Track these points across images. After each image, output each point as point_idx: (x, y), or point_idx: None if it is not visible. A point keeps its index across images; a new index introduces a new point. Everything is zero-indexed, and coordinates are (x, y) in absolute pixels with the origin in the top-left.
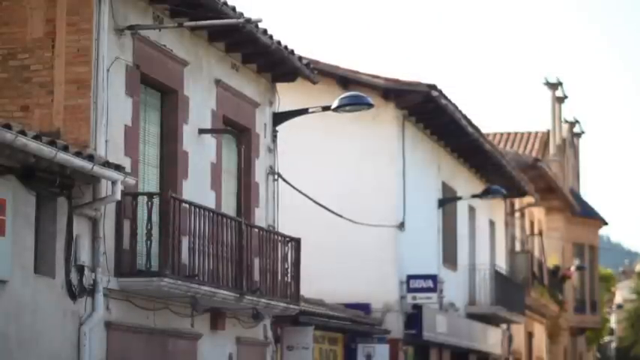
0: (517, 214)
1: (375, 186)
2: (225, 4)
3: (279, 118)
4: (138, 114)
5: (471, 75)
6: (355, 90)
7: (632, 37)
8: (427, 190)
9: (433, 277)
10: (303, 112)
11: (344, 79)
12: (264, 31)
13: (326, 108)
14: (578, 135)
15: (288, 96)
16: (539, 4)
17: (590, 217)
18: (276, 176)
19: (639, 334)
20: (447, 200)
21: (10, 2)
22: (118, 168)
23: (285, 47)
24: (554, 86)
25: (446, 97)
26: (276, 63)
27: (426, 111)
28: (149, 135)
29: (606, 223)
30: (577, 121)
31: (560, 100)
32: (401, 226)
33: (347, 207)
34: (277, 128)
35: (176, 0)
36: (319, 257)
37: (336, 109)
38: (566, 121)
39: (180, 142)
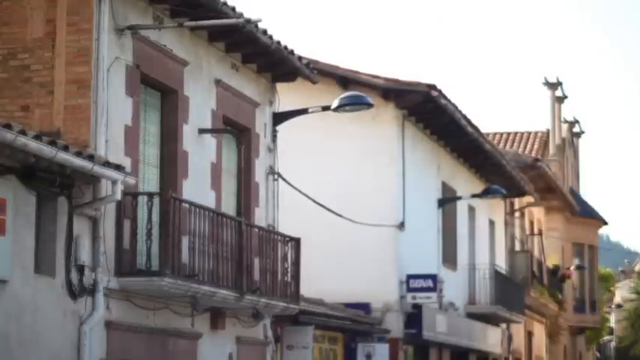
0: (517, 214)
1: (375, 186)
2: (225, 4)
3: (279, 118)
4: (138, 114)
5: (471, 75)
6: (355, 90)
7: (633, 37)
8: (427, 190)
9: (433, 277)
10: (303, 112)
11: (344, 79)
12: (264, 31)
13: (326, 108)
14: (578, 135)
15: (288, 96)
16: (539, 4)
17: (590, 216)
18: (276, 176)
19: (639, 334)
20: (447, 200)
21: (10, 2)
22: (118, 168)
23: (285, 47)
24: (553, 86)
25: (446, 97)
26: (276, 63)
27: (426, 111)
28: (149, 135)
29: (606, 223)
30: (577, 121)
31: (560, 99)
32: (401, 225)
33: (347, 207)
34: (277, 128)
35: (176, 0)
36: (319, 257)
37: (336, 109)
38: (566, 121)
39: (180, 142)
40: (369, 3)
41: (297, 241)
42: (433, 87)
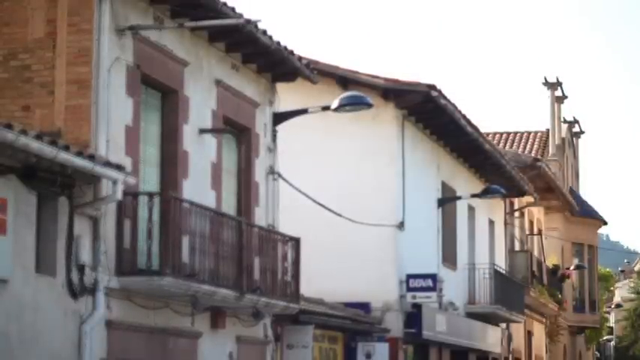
0: (516, 214)
1: (375, 186)
2: (225, 4)
3: (279, 118)
4: (138, 114)
5: (471, 75)
6: (355, 90)
7: (632, 37)
8: (427, 190)
9: (433, 277)
10: (303, 112)
11: (344, 79)
12: (264, 32)
13: (326, 108)
14: (578, 135)
15: (288, 96)
16: (539, 5)
17: (590, 216)
18: (276, 176)
19: (638, 334)
20: (447, 200)
21: (10, 2)
22: (119, 168)
23: (285, 47)
24: (553, 86)
25: (445, 97)
26: (276, 63)
27: (426, 111)
28: (149, 135)
29: (605, 223)
30: (576, 121)
31: (560, 99)
32: (400, 225)
33: (347, 207)
34: (277, 128)
35: (176, 0)
36: (319, 257)
37: (336, 109)
38: (566, 121)
39: (181, 142)
40: (370, 4)
41: (297, 241)
42: (433, 87)
